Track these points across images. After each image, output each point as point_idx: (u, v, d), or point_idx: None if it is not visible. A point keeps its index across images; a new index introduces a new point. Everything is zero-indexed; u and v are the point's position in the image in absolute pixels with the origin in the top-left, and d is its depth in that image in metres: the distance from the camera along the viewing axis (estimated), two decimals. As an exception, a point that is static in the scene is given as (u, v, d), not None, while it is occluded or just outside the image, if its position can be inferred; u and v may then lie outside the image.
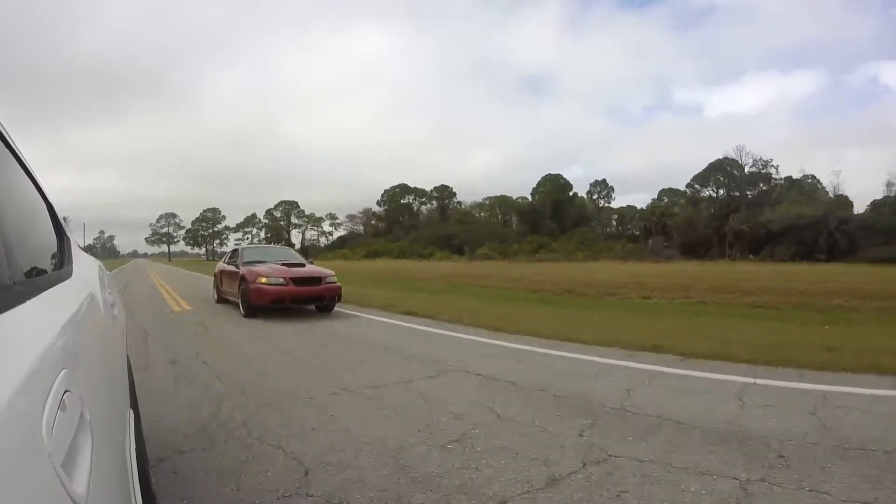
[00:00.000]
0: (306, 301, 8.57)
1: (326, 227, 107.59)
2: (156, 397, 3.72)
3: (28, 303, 0.76)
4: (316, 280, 8.58)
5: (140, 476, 1.14)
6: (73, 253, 1.64)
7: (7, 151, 1.08)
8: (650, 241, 67.82)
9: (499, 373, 4.46)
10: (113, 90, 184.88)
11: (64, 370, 0.68)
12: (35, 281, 0.96)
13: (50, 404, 0.57)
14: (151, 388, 3.93)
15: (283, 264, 8.98)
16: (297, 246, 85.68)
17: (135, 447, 1.21)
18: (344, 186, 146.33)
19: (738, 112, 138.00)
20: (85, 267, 1.70)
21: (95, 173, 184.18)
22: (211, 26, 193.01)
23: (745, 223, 59.83)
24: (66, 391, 0.64)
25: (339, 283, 8.90)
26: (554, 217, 78.97)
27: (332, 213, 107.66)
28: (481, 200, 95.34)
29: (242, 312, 8.54)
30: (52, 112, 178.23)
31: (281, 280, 8.20)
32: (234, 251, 10.65)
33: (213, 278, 11.78)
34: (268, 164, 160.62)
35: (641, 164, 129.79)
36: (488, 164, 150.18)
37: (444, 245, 75.24)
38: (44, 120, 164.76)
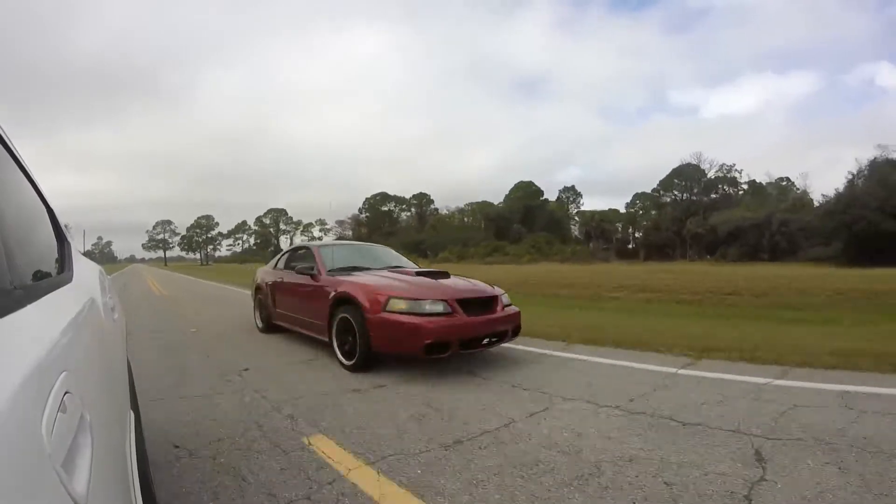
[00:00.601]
0: (480, 342, 4.02)
1: (316, 232, 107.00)
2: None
3: (29, 307, 0.73)
4: (489, 303, 4.28)
5: (140, 476, 1.10)
6: (73, 257, 1.58)
7: (7, 155, 1.04)
8: (591, 245, 69.45)
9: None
10: (112, 90, 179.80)
11: (64, 372, 0.65)
12: (36, 285, 0.92)
13: (50, 406, 0.55)
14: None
15: (412, 273, 4.83)
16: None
17: (135, 448, 1.17)
18: (343, 187, 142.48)
19: (733, 113, 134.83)
20: (85, 271, 1.64)
21: (94, 175, 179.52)
22: (210, 26, 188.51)
23: (700, 226, 61.19)
24: (66, 393, 0.62)
25: (516, 307, 4.54)
26: (525, 222, 79.68)
27: (322, 218, 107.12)
28: (463, 206, 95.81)
29: (345, 362, 4.19)
30: (52, 112, 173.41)
31: (439, 307, 3.90)
32: (296, 251, 6.10)
33: (252, 293, 6.87)
34: (266, 165, 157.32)
35: (640, 165, 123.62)
36: (486, 164, 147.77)
37: (415, 249, 75.43)
38: (43, 120, 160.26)
